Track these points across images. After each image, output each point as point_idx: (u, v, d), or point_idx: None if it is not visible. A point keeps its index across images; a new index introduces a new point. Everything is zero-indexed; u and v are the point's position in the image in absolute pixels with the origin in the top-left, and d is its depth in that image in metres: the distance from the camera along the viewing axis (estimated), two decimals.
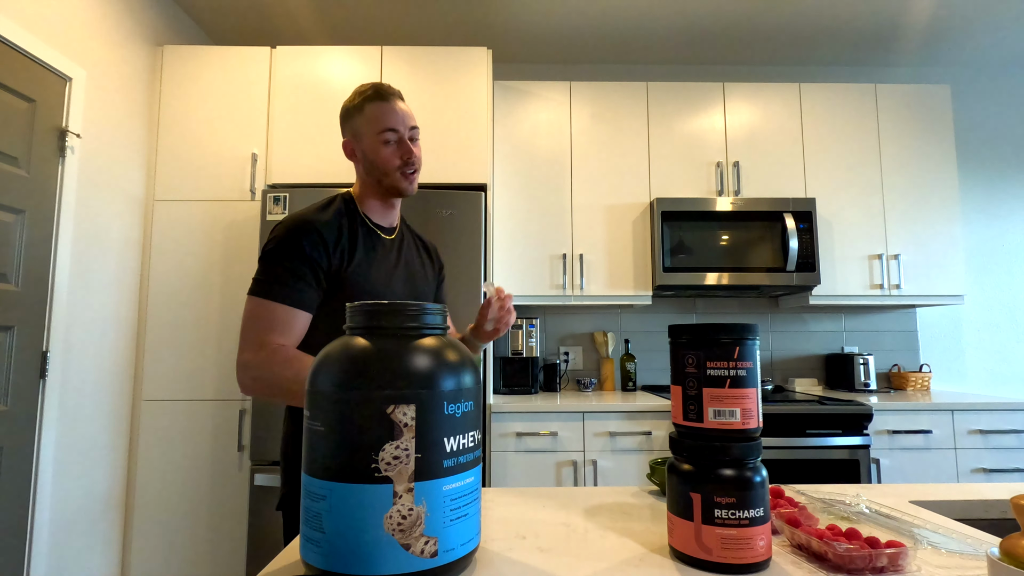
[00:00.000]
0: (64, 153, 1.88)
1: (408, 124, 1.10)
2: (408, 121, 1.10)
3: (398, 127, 1.09)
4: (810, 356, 2.89)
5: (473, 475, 0.57)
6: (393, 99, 1.10)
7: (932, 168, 2.62)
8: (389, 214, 1.17)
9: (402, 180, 1.11)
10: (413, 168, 1.11)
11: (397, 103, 1.10)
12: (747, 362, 0.60)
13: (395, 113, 1.09)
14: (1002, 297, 2.98)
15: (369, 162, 1.11)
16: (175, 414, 2.19)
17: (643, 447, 2.16)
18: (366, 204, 1.15)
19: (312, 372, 0.57)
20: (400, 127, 1.09)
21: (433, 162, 2.30)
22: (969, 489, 0.89)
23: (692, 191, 2.59)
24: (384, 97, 1.09)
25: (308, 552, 0.53)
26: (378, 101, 1.09)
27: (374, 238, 1.13)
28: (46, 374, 1.81)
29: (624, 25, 2.71)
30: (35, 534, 1.77)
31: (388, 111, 1.09)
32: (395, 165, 1.10)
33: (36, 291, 1.79)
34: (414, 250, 1.22)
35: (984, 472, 2.18)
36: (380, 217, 1.16)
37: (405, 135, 1.10)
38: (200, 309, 2.24)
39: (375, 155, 1.10)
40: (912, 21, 2.66)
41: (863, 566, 0.56)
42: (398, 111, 1.09)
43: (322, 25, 2.72)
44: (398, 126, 1.09)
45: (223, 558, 2.14)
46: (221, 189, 2.28)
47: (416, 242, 1.25)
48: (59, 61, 1.86)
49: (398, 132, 1.09)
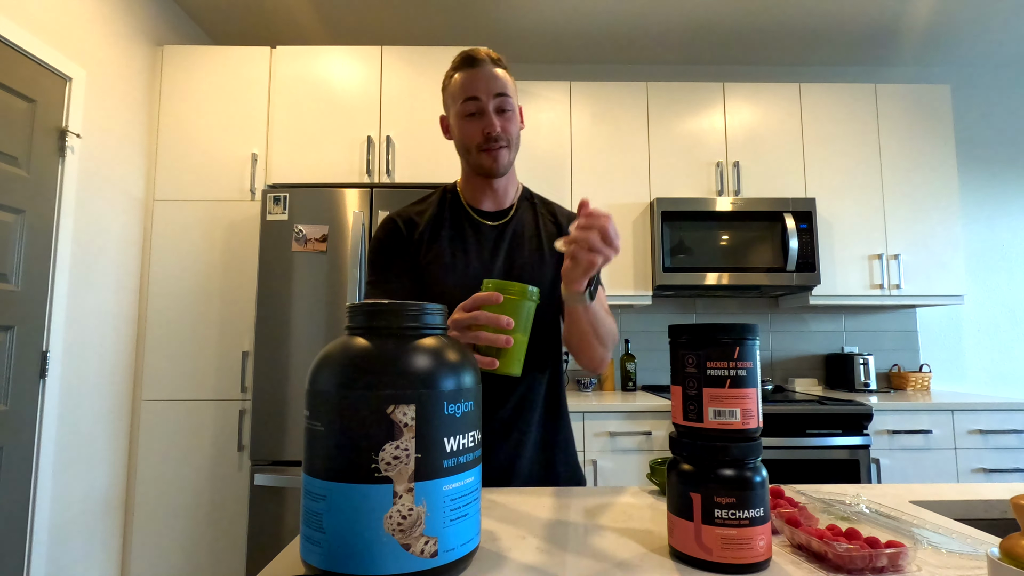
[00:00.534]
0: (64, 153, 1.88)
1: (494, 90, 0.95)
2: (495, 87, 0.96)
3: (480, 95, 0.95)
4: (810, 356, 2.89)
5: (473, 475, 0.57)
6: (482, 65, 0.96)
7: (932, 168, 2.62)
8: (492, 197, 1.05)
9: (484, 157, 0.98)
10: (496, 143, 0.96)
11: (485, 69, 0.96)
12: (747, 362, 0.60)
13: (479, 80, 0.95)
14: (1002, 297, 2.98)
15: (456, 140, 1.01)
16: (175, 414, 2.19)
17: (643, 447, 2.16)
18: (467, 187, 1.05)
19: (312, 372, 0.57)
20: (482, 95, 0.95)
21: (432, 162, 2.30)
22: (969, 489, 0.88)
23: (692, 191, 2.59)
24: (472, 63, 0.97)
25: (308, 552, 0.53)
26: (465, 69, 0.97)
27: (467, 225, 1.03)
28: (46, 374, 1.82)
29: (624, 25, 2.71)
30: (35, 533, 1.77)
31: (471, 79, 0.96)
32: (475, 141, 0.97)
33: (36, 291, 1.79)
34: (534, 234, 1.05)
35: (984, 472, 2.18)
36: (481, 201, 1.04)
37: (488, 105, 0.95)
38: (200, 309, 2.24)
39: (457, 130, 1.00)
40: (912, 21, 2.66)
41: (863, 566, 0.56)
42: (483, 79, 0.95)
43: (322, 25, 2.72)
44: (479, 94, 0.95)
45: (223, 558, 2.14)
46: (221, 189, 2.28)
47: (543, 223, 1.07)
48: (59, 61, 1.86)
49: (479, 101, 0.95)
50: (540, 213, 1.08)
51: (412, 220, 1.03)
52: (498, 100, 0.97)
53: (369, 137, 2.28)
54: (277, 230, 2.12)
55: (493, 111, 0.96)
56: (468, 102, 0.96)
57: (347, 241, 2.12)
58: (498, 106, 0.97)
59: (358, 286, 2.08)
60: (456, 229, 1.03)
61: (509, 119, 0.98)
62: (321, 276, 2.11)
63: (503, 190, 1.05)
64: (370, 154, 2.28)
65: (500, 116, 0.97)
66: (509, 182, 1.06)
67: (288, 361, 2.08)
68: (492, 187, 1.04)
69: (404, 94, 2.32)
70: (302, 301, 2.10)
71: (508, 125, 0.98)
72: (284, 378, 2.07)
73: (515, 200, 1.08)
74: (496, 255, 1.02)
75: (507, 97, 0.97)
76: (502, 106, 0.97)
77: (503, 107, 0.97)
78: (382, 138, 2.29)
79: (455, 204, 1.05)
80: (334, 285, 2.10)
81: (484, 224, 1.04)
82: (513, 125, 0.99)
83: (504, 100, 0.97)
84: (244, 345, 2.21)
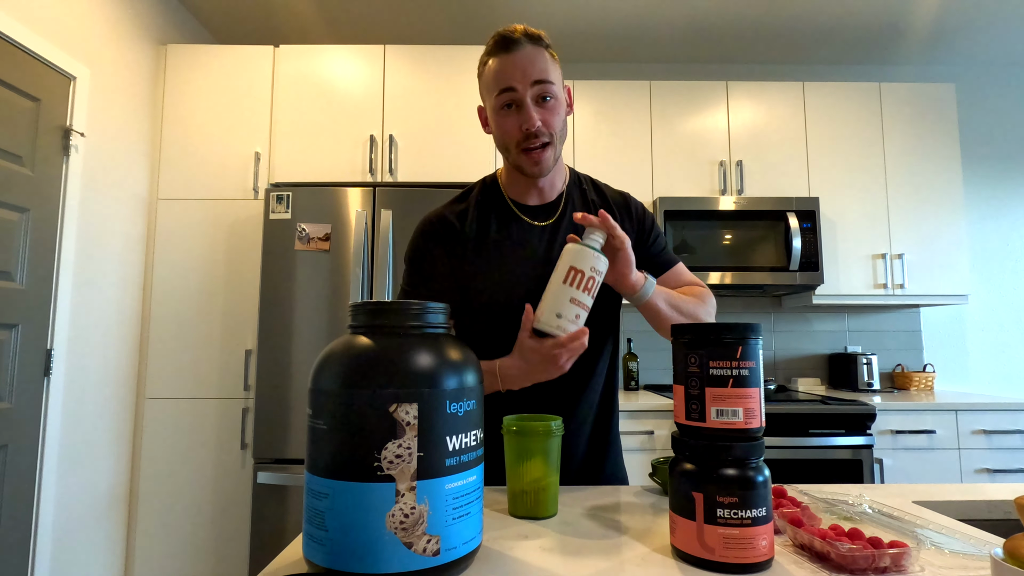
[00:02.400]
0: (68, 152, 1.89)
1: (532, 77, 0.84)
2: (532, 73, 0.84)
3: (516, 84, 0.84)
4: (813, 356, 2.88)
5: (476, 474, 0.58)
6: (518, 47, 0.84)
7: (936, 167, 2.61)
8: (537, 192, 0.95)
9: (524, 159, 0.87)
10: (537, 139, 0.86)
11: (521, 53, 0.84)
12: (750, 361, 0.60)
13: (514, 67, 0.84)
14: (1007, 297, 2.97)
15: (495, 136, 0.91)
16: (178, 412, 2.20)
17: (645, 446, 2.16)
18: (509, 182, 0.96)
19: (315, 370, 0.57)
20: (518, 84, 0.84)
21: (435, 161, 2.30)
22: (973, 489, 0.88)
23: (695, 190, 2.58)
24: (506, 46, 0.85)
25: (311, 550, 0.53)
26: (499, 54, 0.85)
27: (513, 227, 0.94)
28: (50, 372, 1.82)
29: (627, 24, 2.71)
30: (39, 531, 1.77)
31: (506, 66, 0.84)
32: (515, 138, 0.87)
33: (40, 289, 1.80)
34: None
35: (988, 472, 2.18)
36: (526, 196, 0.95)
37: (526, 95, 0.84)
38: (203, 307, 2.24)
39: (495, 126, 0.90)
40: (916, 20, 2.65)
41: (866, 566, 0.55)
42: (519, 64, 0.84)
43: (325, 24, 2.72)
44: (515, 83, 0.84)
45: (226, 555, 2.14)
46: (224, 188, 2.28)
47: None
48: (63, 60, 1.86)
49: (516, 92, 0.84)
50: (590, 200, 0.99)
51: (451, 224, 0.95)
52: (537, 88, 0.85)
53: (372, 136, 2.29)
54: (280, 229, 2.12)
55: (532, 102, 0.85)
56: (504, 94, 0.86)
57: (350, 240, 2.12)
58: (538, 94, 0.85)
59: (361, 285, 2.08)
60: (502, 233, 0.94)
61: (552, 109, 0.87)
62: (324, 275, 2.11)
63: (549, 184, 0.96)
64: (373, 153, 2.28)
65: (541, 107, 0.86)
66: (556, 174, 0.96)
67: (291, 359, 2.08)
68: (536, 184, 0.95)
69: (407, 93, 2.32)
70: (305, 300, 2.10)
71: (550, 117, 0.87)
72: (287, 376, 2.08)
73: (563, 189, 0.98)
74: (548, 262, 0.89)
75: (548, 84, 0.85)
76: (543, 93, 0.85)
77: (544, 95, 0.86)
78: (385, 137, 2.29)
79: (498, 201, 0.96)
80: (337, 284, 2.10)
81: (533, 226, 0.95)
82: (557, 116, 0.88)
83: (545, 88, 0.85)
84: (247, 343, 2.22)
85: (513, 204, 0.96)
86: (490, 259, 0.93)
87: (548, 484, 0.75)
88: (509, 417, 0.79)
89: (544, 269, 0.87)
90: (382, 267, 2.10)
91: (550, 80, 0.85)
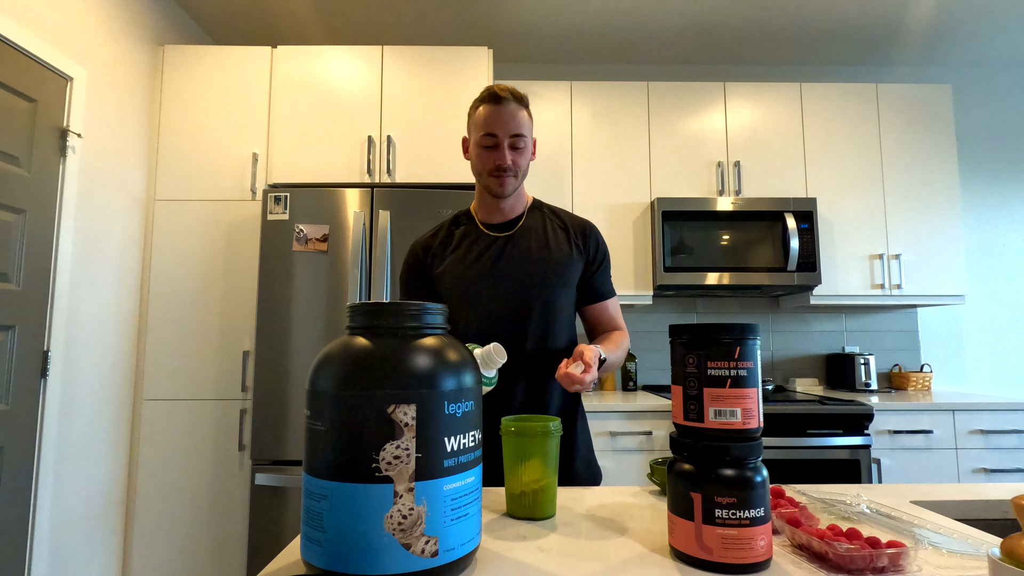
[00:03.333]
0: (65, 153, 1.88)
1: (511, 131, 1.11)
2: (512, 128, 1.11)
3: (497, 132, 1.10)
4: (811, 356, 2.88)
5: (474, 475, 0.57)
6: (505, 104, 1.10)
7: (933, 168, 2.62)
8: (500, 213, 1.19)
9: (492, 181, 1.13)
10: (505, 173, 1.12)
11: (507, 108, 1.10)
12: (748, 362, 0.60)
13: (499, 118, 1.10)
14: (1003, 297, 2.98)
15: (472, 162, 1.17)
16: (176, 413, 2.19)
17: (643, 447, 2.16)
18: (479, 205, 1.22)
19: (313, 372, 0.57)
20: (500, 132, 1.10)
21: (433, 162, 2.30)
22: (970, 489, 0.88)
23: (693, 191, 2.58)
24: (496, 100, 1.11)
25: (309, 551, 0.53)
26: (489, 104, 1.11)
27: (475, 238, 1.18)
28: (47, 373, 1.82)
29: (625, 25, 2.71)
30: (36, 533, 1.77)
31: (493, 116, 1.11)
32: (488, 167, 1.13)
33: (37, 290, 1.79)
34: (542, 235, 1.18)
35: (985, 472, 2.18)
36: (491, 216, 1.20)
37: (504, 141, 1.11)
38: (201, 308, 2.24)
39: (474, 156, 1.15)
40: (913, 21, 2.66)
41: (864, 566, 0.56)
42: (503, 118, 1.10)
43: (323, 25, 2.72)
44: (497, 131, 1.10)
45: (223, 557, 2.14)
46: (222, 189, 2.28)
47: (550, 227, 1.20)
48: (60, 61, 1.86)
49: (497, 138, 1.11)
50: (548, 218, 1.22)
51: (428, 245, 1.21)
52: (514, 139, 1.11)
53: (370, 137, 2.28)
54: (278, 230, 2.12)
55: (507, 147, 1.11)
56: (487, 136, 1.11)
57: (348, 241, 2.12)
58: (512, 144, 1.12)
59: (359, 286, 2.08)
60: (462, 242, 1.19)
61: (521, 153, 1.14)
62: (322, 276, 2.11)
63: (510, 207, 1.19)
64: (371, 154, 2.28)
65: (513, 151, 1.12)
66: (516, 200, 1.20)
67: (289, 361, 2.08)
68: (499, 206, 1.18)
69: (405, 94, 2.32)
70: (303, 301, 2.10)
71: (519, 159, 1.13)
72: (285, 378, 2.07)
73: (523, 211, 1.22)
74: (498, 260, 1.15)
75: (522, 137, 1.12)
76: (515, 144, 1.12)
77: (516, 145, 1.12)
78: (383, 138, 2.29)
79: (468, 222, 1.22)
80: (335, 285, 2.10)
81: (489, 235, 1.18)
82: (524, 158, 1.14)
83: (518, 140, 1.12)
84: (245, 344, 2.22)
85: (480, 223, 1.21)
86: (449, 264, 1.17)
87: (546, 485, 0.75)
88: (507, 418, 0.80)
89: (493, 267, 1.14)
90: (380, 268, 2.10)
91: (524, 134, 1.13)
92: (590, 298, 1.21)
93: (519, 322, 1.12)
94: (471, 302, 1.14)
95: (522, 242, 1.17)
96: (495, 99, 1.11)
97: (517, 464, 0.75)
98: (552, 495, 0.76)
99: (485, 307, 1.13)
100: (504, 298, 1.13)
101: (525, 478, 0.75)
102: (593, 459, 1.19)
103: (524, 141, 1.13)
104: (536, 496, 0.75)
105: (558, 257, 1.15)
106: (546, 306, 1.13)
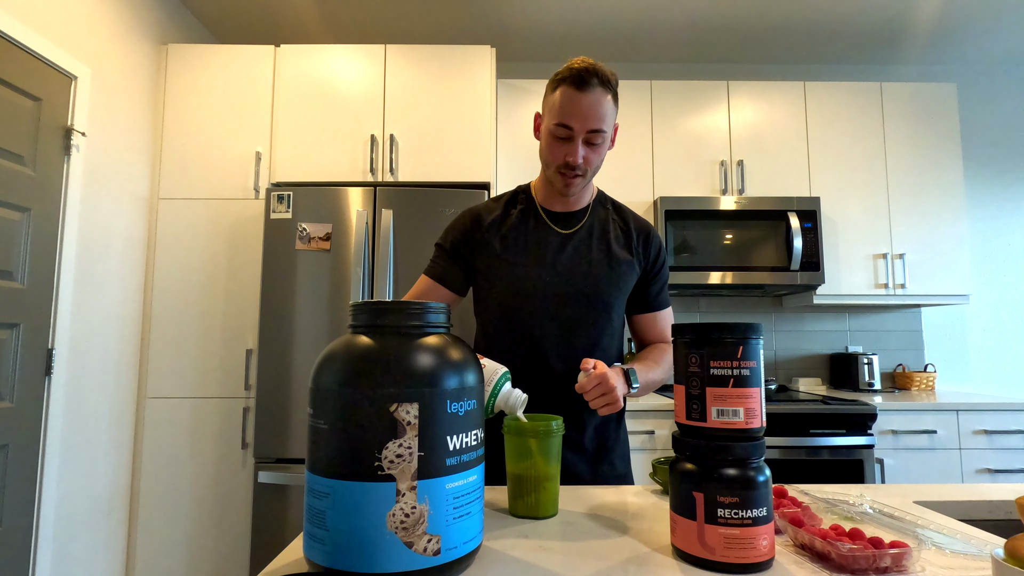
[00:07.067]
0: (69, 151, 1.89)
1: (589, 125, 0.96)
2: (591, 122, 0.96)
3: (573, 125, 0.96)
4: (814, 356, 2.88)
5: (476, 473, 0.58)
6: (589, 90, 0.95)
7: (937, 167, 2.61)
8: (564, 202, 1.09)
9: (558, 179, 1.03)
10: (574, 171, 1.00)
11: (589, 97, 0.95)
12: (751, 361, 0.60)
13: (578, 108, 0.95)
14: (1008, 296, 2.96)
15: (541, 147, 1.06)
16: (179, 411, 2.20)
17: (646, 446, 2.16)
18: (541, 188, 1.11)
19: (315, 370, 0.57)
20: (576, 126, 0.96)
21: (436, 161, 2.30)
22: (974, 490, 0.88)
23: (696, 190, 2.58)
24: (579, 85, 0.95)
25: (311, 549, 0.54)
26: (571, 88, 0.96)
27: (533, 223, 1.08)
28: (51, 371, 1.83)
29: (628, 23, 2.71)
30: (40, 530, 1.78)
31: (571, 104, 0.96)
32: (557, 161, 1.01)
33: (41, 289, 1.80)
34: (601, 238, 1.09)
35: (989, 472, 2.17)
36: (551, 202, 1.10)
37: (579, 135, 0.97)
38: (204, 307, 2.24)
39: (544, 143, 1.04)
40: (918, 19, 2.65)
41: (867, 566, 0.55)
42: (583, 108, 0.95)
43: (326, 23, 2.73)
44: (574, 124, 0.96)
45: (227, 555, 2.14)
46: (225, 187, 2.28)
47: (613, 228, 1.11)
48: (64, 60, 1.86)
49: (571, 130, 0.97)
50: (612, 217, 1.13)
51: (481, 217, 1.10)
52: (592, 135, 0.98)
53: (373, 136, 2.29)
54: (281, 228, 2.13)
55: (582, 141, 0.98)
56: (561, 127, 0.98)
57: (351, 239, 2.12)
58: (588, 140, 0.98)
59: (362, 284, 2.08)
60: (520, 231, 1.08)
61: (596, 150, 1.00)
62: (325, 274, 2.11)
63: (575, 199, 1.10)
64: (374, 153, 2.28)
65: (588, 147, 0.99)
66: (583, 191, 1.10)
67: (292, 359, 2.08)
68: (564, 195, 1.07)
69: (408, 93, 2.32)
70: (306, 299, 2.10)
71: (593, 156, 1.00)
72: (288, 376, 2.08)
73: (589, 203, 1.12)
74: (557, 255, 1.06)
75: (601, 132, 0.98)
76: (592, 140, 0.98)
77: (593, 141, 0.99)
78: (386, 137, 2.29)
79: (527, 203, 1.11)
80: (338, 283, 2.10)
81: (550, 226, 1.09)
82: (598, 155, 1.01)
83: (596, 135, 0.98)
84: (248, 343, 2.22)
85: (541, 208, 1.10)
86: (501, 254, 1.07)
87: (549, 484, 0.75)
88: (509, 417, 0.80)
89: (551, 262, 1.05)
90: (383, 267, 2.10)
91: (603, 129, 0.98)
92: (642, 307, 1.13)
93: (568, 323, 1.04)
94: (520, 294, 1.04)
95: (583, 242, 1.08)
96: (578, 82, 0.94)
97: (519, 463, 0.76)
98: (554, 494, 0.76)
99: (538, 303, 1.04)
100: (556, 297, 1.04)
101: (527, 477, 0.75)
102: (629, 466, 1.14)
103: (603, 136, 0.98)
104: (538, 495, 0.75)
105: (618, 263, 1.07)
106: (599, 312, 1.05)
